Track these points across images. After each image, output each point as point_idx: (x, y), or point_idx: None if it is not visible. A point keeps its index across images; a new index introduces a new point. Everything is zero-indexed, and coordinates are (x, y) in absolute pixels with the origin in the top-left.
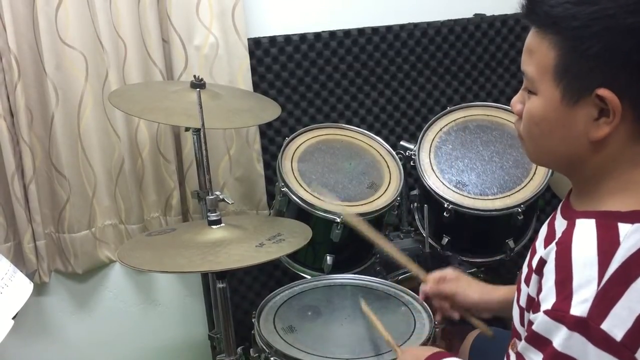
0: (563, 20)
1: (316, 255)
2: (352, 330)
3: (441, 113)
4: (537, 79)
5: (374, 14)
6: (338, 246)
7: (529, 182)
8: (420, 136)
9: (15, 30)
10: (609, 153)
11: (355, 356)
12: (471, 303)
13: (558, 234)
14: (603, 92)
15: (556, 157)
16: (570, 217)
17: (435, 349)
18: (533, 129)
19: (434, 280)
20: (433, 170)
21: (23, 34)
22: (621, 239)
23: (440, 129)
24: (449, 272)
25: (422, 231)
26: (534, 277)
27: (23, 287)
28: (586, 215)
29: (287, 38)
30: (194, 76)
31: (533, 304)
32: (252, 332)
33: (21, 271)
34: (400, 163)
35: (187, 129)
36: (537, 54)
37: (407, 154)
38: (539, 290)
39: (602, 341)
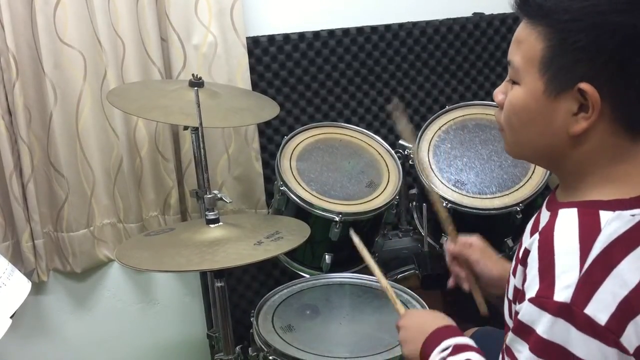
0: (554, 13)
1: (315, 254)
2: (350, 329)
3: (440, 112)
4: (522, 68)
5: (372, 12)
6: (337, 245)
7: (527, 180)
8: (419, 135)
9: (14, 29)
10: (587, 149)
11: (353, 355)
12: (490, 277)
13: (542, 225)
14: (585, 86)
15: (534, 150)
16: (554, 209)
17: (443, 320)
18: (513, 118)
19: (461, 243)
20: (432, 169)
21: (21, 33)
22: (602, 225)
23: (439, 128)
24: (475, 239)
25: (420, 230)
26: (519, 268)
27: (21, 286)
28: (569, 205)
29: (286, 37)
30: (193, 75)
31: (519, 295)
32: (251, 331)
33: (19, 270)
34: (399, 162)
35: (185, 128)
36: (525, 44)
37: (405, 152)
38: (524, 280)
39: (587, 326)
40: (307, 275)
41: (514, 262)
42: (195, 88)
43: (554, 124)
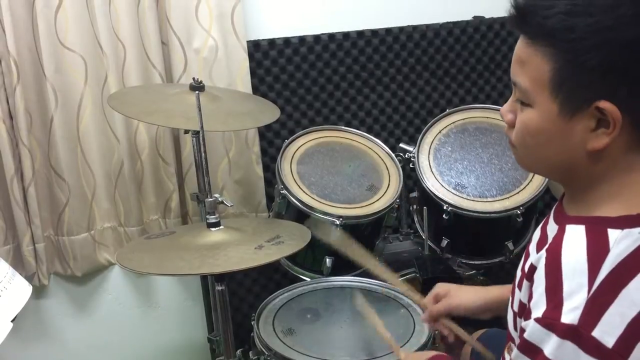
0: (558, 33)
1: (315, 258)
2: (351, 333)
3: (440, 115)
4: (531, 91)
5: (373, 16)
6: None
7: (528, 184)
8: (420, 138)
9: (15, 33)
10: (606, 162)
11: (354, 359)
12: (470, 309)
13: (549, 239)
14: (604, 104)
15: (550, 166)
16: (561, 223)
17: (434, 352)
18: (528, 140)
19: (429, 303)
20: (432, 172)
21: (22, 37)
22: (611, 245)
23: (440, 131)
24: (438, 289)
25: (421, 233)
26: (525, 282)
27: (22, 290)
28: (576, 221)
29: (286, 40)
30: (193, 79)
31: (524, 311)
32: (252, 334)
33: (20, 274)
34: (399, 165)
35: (186, 132)
36: (530, 66)
37: (406, 156)
38: (530, 297)
39: (594, 348)
40: (308, 279)
41: (519, 274)
42: (196, 92)
43: (571, 141)
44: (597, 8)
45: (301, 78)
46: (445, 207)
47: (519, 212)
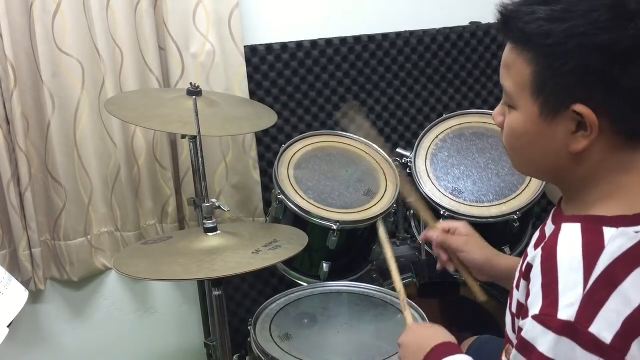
0: (537, 38)
1: (312, 263)
2: (348, 338)
3: (437, 120)
4: (515, 94)
5: (370, 21)
6: (334, 253)
7: (525, 189)
8: (417, 143)
9: (12, 37)
10: (590, 164)
11: None
12: (474, 264)
13: (547, 239)
14: (579, 108)
15: (539, 168)
16: (558, 222)
17: (443, 337)
18: (514, 142)
19: (443, 229)
20: (429, 177)
21: (20, 41)
22: (606, 242)
23: (437, 137)
24: (461, 226)
25: (418, 238)
26: (522, 282)
27: (18, 295)
28: (572, 219)
29: (284, 45)
30: (191, 84)
31: (522, 310)
32: (248, 339)
33: (17, 279)
34: (396, 170)
35: (183, 137)
36: (514, 70)
37: (403, 161)
38: (527, 295)
39: (591, 344)
40: (305, 284)
41: (517, 275)
42: (194, 97)
43: (554, 144)
44: (573, 14)
45: (298, 83)
46: (442, 212)
47: (515, 217)
